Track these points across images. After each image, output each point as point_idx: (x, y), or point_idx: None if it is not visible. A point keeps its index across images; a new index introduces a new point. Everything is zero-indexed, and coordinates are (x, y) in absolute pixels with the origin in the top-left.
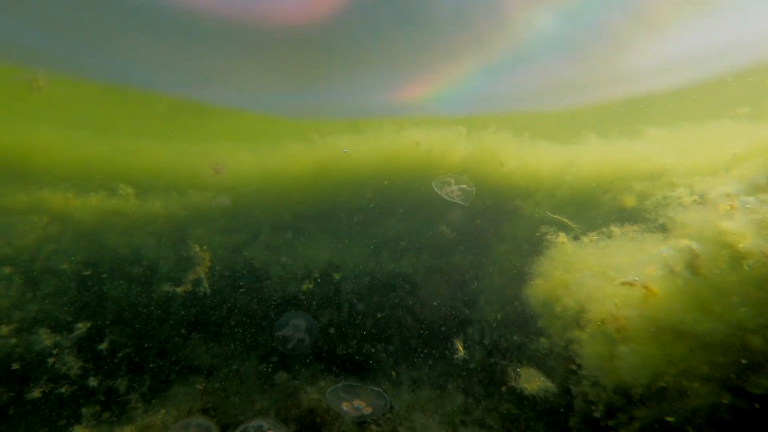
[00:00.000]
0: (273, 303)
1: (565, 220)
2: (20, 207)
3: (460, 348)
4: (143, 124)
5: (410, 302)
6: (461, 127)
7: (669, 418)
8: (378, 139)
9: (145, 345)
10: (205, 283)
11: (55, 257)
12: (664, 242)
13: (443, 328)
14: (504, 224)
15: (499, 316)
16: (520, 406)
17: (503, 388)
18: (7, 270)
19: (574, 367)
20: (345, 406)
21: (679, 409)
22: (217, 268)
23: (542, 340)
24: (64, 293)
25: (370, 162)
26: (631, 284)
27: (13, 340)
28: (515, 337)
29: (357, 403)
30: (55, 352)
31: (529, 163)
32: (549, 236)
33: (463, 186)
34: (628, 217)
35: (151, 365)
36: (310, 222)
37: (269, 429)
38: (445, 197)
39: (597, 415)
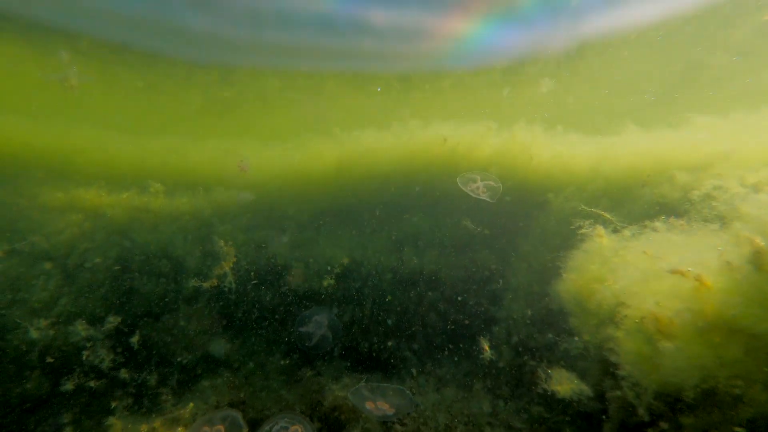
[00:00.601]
0: (295, 299)
1: (603, 212)
2: (57, 204)
3: (486, 347)
4: (173, 124)
5: (434, 299)
6: (491, 122)
7: (721, 428)
8: (403, 134)
9: (173, 339)
10: (231, 278)
11: (89, 253)
12: (717, 235)
13: (468, 326)
14: (532, 220)
15: (527, 313)
16: (550, 409)
17: (533, 390)
18: (47, 266)
19: (610, 368)
20: (369, 406)
21: (733, 417)
22: (243, 263)
23: (575, 339)
24: (98, 288)
25: (394, 157)
26: (682, 274)
27: (51, 332)
28: (545, 336)
29: (380, 404)
30: (89, 345)
31: (560, 156)
32: (583, 229)
33: (489, 182)
34: (672, 209)
35: (179, 359)
36: (333, 218)
37: (294, 424)
38: (471, 194)
39: (636, 421)
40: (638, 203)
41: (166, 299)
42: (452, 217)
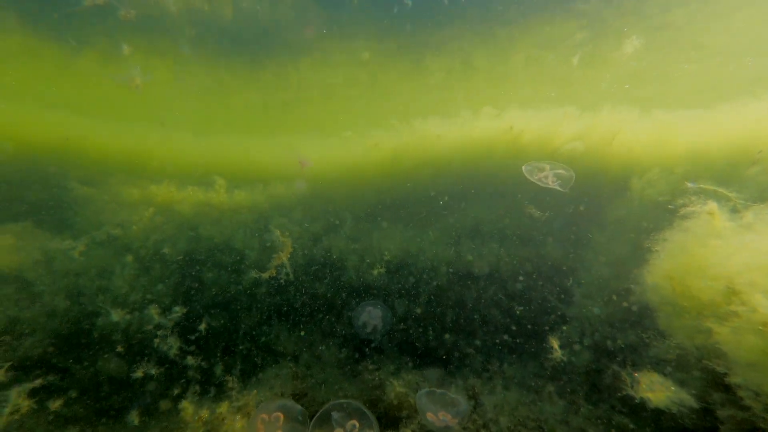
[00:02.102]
0: (351, 291)
1: (718, 188)
2: (133, 200)
3: (556, 346)
4: (238, 122)
5: (495, 294)
6: (571, 107)
7: None
8: (464, 122)
9: (236, 328)
10: (288, 269)
11: (160, 245)
12: None
13: (535, 324)
14: (609, 207)
15: (604, 310)
16: (637, 420)
17: (614, 395)
18: (128, 258)
19: (719, 372)
20: (429, 417)
21: None
22: (299, 254)
23: (668, 339)
24: (168, 278)
25: (454, 146)
26: None
27: (128, 318)
28: (627, 336)
29: (442, 415)
30: (160, 332)
31: (646, 135)
32: (687, 209)
33: (560, 171)
34: None
35: (240, 347)
36: (388, 210)
37: (351, 419)
38: (539, 183)
39: None
40: (748, 185)
41: (229, 289)
42: (516, 207)
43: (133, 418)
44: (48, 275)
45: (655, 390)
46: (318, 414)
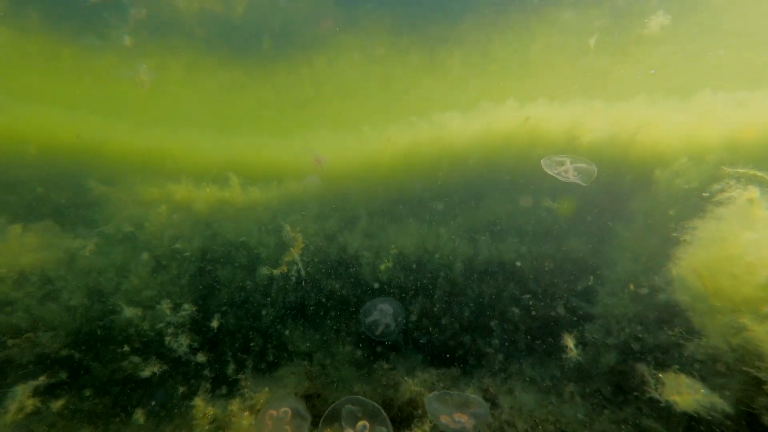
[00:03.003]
0: (365, 289)
1: (758, 173)
2: (152, 199)
3: (571, 345)
4: (253, 120)
5: (514, 291)
6: (594, 97)
7: None
8: (484, 116)
9: (250, 326)
10: (300, 265)
11: (176, 243)
12: None
13: (556, 323)
14: (635, 201)
15: (631, 308)
16: (666, 424)
17: (642, 398)
18: (145, 256)
19: (759, 376)
20: (444, 420)
21: None
22: (311, 249)
23: (698, 338)
24: (183, 276)
25: (470, 140)
26: None
27: (143, 315)
28: (655, 335)
29: (457, 416)
30: (170, 331)
31: (674, 126)
32: (719, 196)
33: (581, 165)
34: None
35: (253, 345)
36: (404, 206)
37: (362, 419)
38: (559, 177)
39: None
40: None
41: (243, 287)
42: (536, 202)
43: (139, 417)
44: (69, 274)
45: (682, 392)
46: (327, 411)
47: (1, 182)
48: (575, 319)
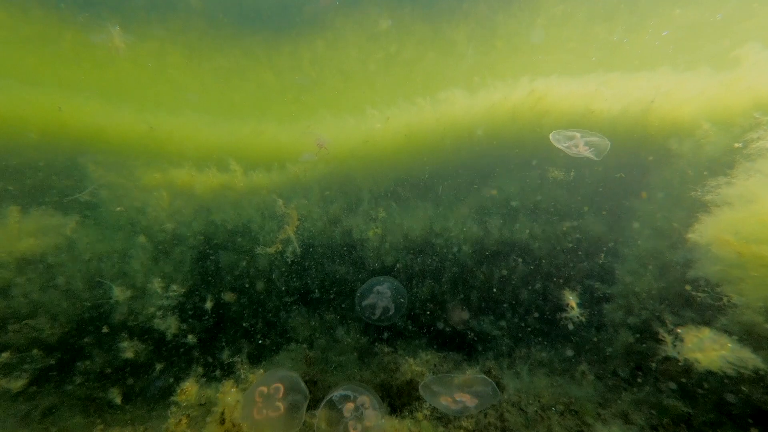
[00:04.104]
0: (370, 273)
1: None
2: (154, 184)
3: (574, 305)
4: (255, 104)
5: (525, 273)
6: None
7: None
8: (491, 92)
9: (251, 310)
10: (295, 243)
11: (178, 228)
12: None
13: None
14: (653, 173)
15: (654, 285)
16: (691, 402)
17: (660, 373)
18: (142, 239)
19: None
20: (444, 401)
21: None
22: (312, 231)
23: (734, 313)
24: (184, 260)
25: (476, 118)
26: None
27: (143, 300)
28: (681, 313)
29: (459, 396)
30: (166, 314)
31: (694, 91)
32: (753, 145)
33: (592, 139)
34: None
35: (251, 328)
36: (409, 187)
37: (362, 395)
38: (569, 153)
39: None
40: None
41: (244, 272)
42: (548, 180)
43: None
44: (69, 260)
45: (706, 349)
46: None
47: (2, 167)
48: (595, 298)
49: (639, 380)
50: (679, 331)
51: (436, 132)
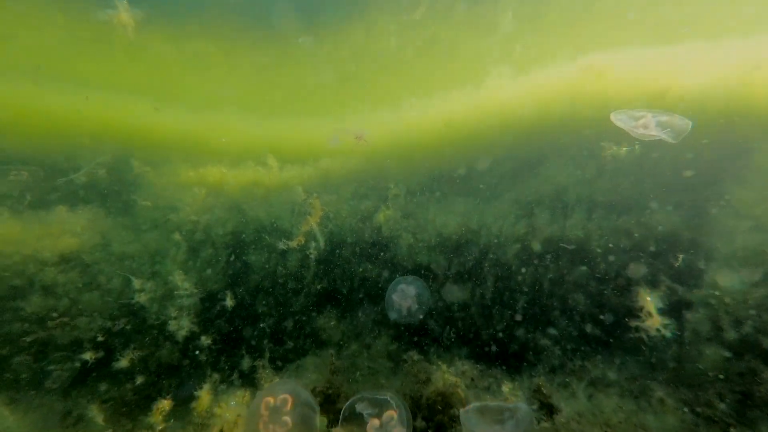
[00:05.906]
0: (404, 272)
1: None
2: (188, 182)
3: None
4: (292, 100)
5: (582, 276)
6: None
7: None
8: (541, 72)
9: (281, 313)
10: (319, 236)
11: (210, 227)
12: None
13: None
14: (748, 157)
15: (751, 292)
16: None
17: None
18: (179, 239)
19: None
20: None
21: None
22: (347, 232)
23: None
24: (217, 260)
25: (522, 100)
26: None
27: (174, 299)
28: None
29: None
30: (200, 314)
31: None
32: None
33: (667, 118)
34: None
35: (278, 331)
36: (446, 181)
37: (389, 409)
38: (636, 135)
39: None
40: None
41: (274, 272)
42: (609, 168)
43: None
44: (105, 258)
45: None
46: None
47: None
48: (674, 305)
49: (748, 413)
50: None
51: (480, 119)
